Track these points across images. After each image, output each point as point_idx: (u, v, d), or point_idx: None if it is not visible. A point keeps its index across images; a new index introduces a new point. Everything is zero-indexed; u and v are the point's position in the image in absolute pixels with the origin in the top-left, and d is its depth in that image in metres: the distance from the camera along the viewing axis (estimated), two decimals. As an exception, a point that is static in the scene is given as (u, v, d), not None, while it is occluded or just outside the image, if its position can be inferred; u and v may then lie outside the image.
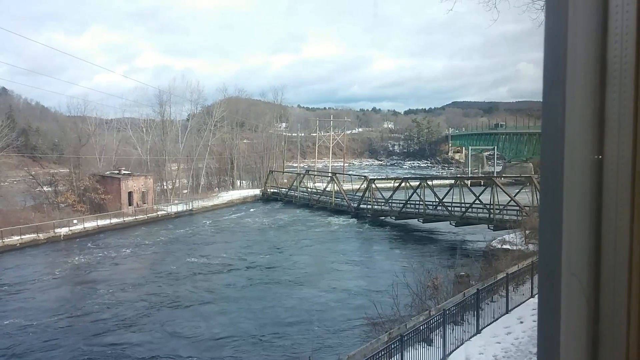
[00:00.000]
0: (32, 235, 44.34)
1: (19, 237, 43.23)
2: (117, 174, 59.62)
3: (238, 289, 31.33)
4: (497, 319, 17.17)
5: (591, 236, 1.04)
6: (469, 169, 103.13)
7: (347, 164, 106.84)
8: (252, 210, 64.05)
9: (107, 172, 60.53)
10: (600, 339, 1.04)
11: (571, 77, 1.03)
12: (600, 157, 1.02)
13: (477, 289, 17.39)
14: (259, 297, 29.22)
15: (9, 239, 42.60)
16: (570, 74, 1.03)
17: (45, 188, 58.47)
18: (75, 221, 49.43)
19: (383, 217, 53.12)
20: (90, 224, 49.98)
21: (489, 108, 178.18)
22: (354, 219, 54.43)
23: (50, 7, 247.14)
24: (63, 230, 47.10)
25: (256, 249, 42.18)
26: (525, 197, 41.81)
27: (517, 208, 40.99)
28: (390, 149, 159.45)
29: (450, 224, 45.57)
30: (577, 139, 1.04)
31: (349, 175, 75.88)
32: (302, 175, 71.22)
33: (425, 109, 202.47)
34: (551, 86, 1.07)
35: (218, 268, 36.42)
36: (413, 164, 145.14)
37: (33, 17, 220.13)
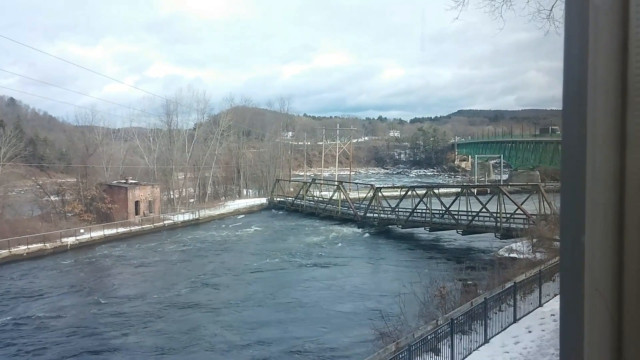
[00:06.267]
0: (39, 245, 44.42)
1: (26, 247, 43.34)
2: (124, 183, 59.86)
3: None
4: (505, 329, 17.05)
5: (614, 251, 1.05)
6: (476, 177, 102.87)
7: (354, 173, 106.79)
8: (257, 219, 63.86)
9: (114, 182, 60.79)
10: (624, 356, 1.04)
11: (592, 96, 1.04)
12: (622, 174, 1.03)
13: (485, 298, 17.28)
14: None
15: (15, 249, 42.75)
16: (592, 93, 1.04)
17: (52, 197, 58.91)
18: (82, 230, 49.57)
19: (389, 226, 52.99)
20: (97, 234, 50.08)
21: (495, 116, 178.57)
22: (360, 228, 54.23)
23: (65, 19, 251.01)
24: (70, 240, 47.24)
25: (249, 262, 40.60)
26: (532, 205, 41.60)
27: (524, 216, 40.77)
28: (397, 157, 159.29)
29: (457, 232, 45.42)
30: (599, 156, 1.05)
31: (355, 183, 75.77)
32: (308, 184, 71.16)
33: (431, 117, 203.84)
34: (572, 104, 1.09)
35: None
36: (419, 172, 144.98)
37: (49, 29, 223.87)
